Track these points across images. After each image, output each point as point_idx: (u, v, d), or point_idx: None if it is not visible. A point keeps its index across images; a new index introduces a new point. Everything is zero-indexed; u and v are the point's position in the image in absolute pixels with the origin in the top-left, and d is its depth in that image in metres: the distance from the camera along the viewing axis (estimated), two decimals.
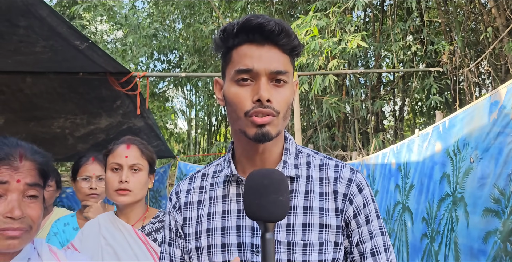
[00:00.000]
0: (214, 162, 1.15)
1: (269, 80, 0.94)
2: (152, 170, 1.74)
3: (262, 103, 0.92)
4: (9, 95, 3.36)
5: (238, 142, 1.04)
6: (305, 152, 1.09)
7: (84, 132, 4.26)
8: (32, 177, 1.09)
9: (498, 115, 1.93)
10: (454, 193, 2.33)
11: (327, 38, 5.53)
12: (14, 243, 1.04)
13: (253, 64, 0.93)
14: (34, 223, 1.08)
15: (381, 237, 1.01)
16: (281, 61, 0.95)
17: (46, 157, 1.15)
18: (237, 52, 0.96)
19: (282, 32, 0.93)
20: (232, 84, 0.96)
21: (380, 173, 3.60)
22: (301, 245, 0.96)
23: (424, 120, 9.30)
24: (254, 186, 0.86)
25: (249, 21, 0.93)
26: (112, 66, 3.02)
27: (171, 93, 12.44)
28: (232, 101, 0.96)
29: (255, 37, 0.94)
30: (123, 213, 1.68)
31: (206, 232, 1.03)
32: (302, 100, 7.04)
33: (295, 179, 1.02)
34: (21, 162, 1.08)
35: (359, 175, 1.04)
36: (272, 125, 0.94)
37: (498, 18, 5.55)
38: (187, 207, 1.08)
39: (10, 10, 2.08)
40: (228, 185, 1.05)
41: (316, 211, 0.99)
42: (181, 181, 1.15)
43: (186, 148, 12.02)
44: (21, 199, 1.07)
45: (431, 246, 2.60)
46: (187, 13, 9.46)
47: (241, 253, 0.99)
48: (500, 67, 6.02)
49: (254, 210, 0.85)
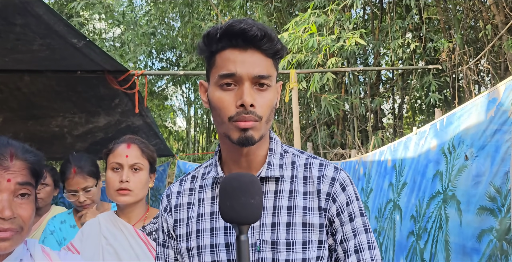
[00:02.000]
0: (203, 164, 1.17)
1: (252, 85, 0.96)
2: (153, 169, 1.74)
3: (246, 108, 0.93)
4: (7, 93, 3.36)
5: (224, 145, 1.06)
6: (291, 151, 1.10)
7: (82, 130, 4.25)
8: (23, 176, 1.07)
9: (496, 113, 1.93)
10: (445, 191, 2.33)
11: (325, 36, 5.52)
12: (4, 245, 1.02)
13: (236, 69, 0.94)
14: (25, 223, 1.06)
15: (364, 235, 1.02)
16: (264, 65, 0.97)
17: (37, 156, 1.13)
18: (220, 56, 0.97)
19: (264, 37, 0.95)
20: (216, 88, 0.98)
21: (376, 171, 3.59)
22: (284, 244, 0.98)
23: (423, 118, 9.31)
24: (226, 189, 0.88)
25: (232, 26, 0.94)
26: (110, 64, 3.01)
27: (170, 92, 12.44)
28: (216, 105, 0.97)
29: (238, 42, 0.95)
30: (124, 213, 1.68)
31: (195, 233, 1.05)
32: (300, 98, 7.04)
33: (279, 179, 1.04)
34: (11, 162, 1.06)
35: (342, 173, 1.05)
36: (255, 130, 0.95)
37: (497, 16, 5.54)
38: (177, 209, 1.11)
39: (6, 8, 2.07)
40: (216, 187, 1.07)
41: (299, 211, 1.00)
42: (172, 184, 1.17)
43: (185, 147, 12.03)
44: (12, 199, 1.05)
45: (417, 244, 2.60)
46: (185, 12, 9.44)
47: (229, 252, 1.01)
48: (499, 65, 6.02)
49: (226, 213, 0.86)
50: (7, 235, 1.02)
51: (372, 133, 7.01)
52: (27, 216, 1.07)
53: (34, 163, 1.11)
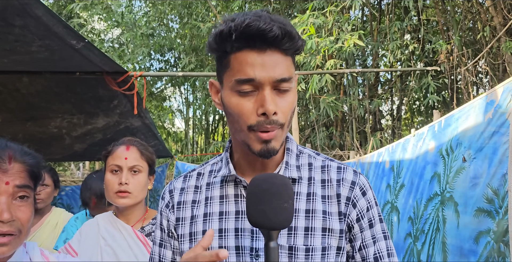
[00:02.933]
0: (210, 161, 1.11)
1: (272, 88, 0.87)
2: (152, 171, 1.74)
3: (268, 117, 0.86)
4: (6, 94, 3.36)
5: (237, 147, 0.99)
6: (306, 152, 1.05)
7: (81, 132, 4.25)
8: (22, 179, 1.06)
9: (494, 115, 1.93)
10: (443, 193, 2.33)
11: (324, 37, 5.53)
12: (2, 250, 1.02)
13: (255, 74, 0.85)
14: (24, 226, 1.05)
15: (384, 242, 0.98)
16: (285, 66, 0.88)
17: (36, 159, 1.12)
18: (235, 58, 0.88)
19: (285, 36, 0.85)
20: (232, 93, 0.89)
21: (374, 173, 3.60)
22: (303, 250, 0.92)
23: (421, 119, 9.32)
24: (256, 192, 0.82)
25: (249, 26, 0.84)
26: (109, 66, 3.01)
27: (169, 93, 12.43)
28: (234, 112, 0.89)
29: (256, 44, 0.85)
30: (123, 214, 1.68)
31: (201, 234, 0.98)
32: (299, 99, 7.04)
33: (297, 180, 0.98)
34: (10, 164, 1.05)
35: (362, 177, 1.00)
36: (277, 140, 0.89)
37: (495, 17, 5.56)
38: (180, 207, 1.03)
39: (5, 9, 2.07)
40: (226, 186, 1.00)
41: (319, 215, 0.95)
42: (175, 179, 1.10)
43: (184, 148, 12.02)
44: (11, 202, 1.04)
45: (414, 246, 2.60)
46: (184, 13, 9.45)
47: (239, 256, 0.95)
48: (497, 66, 6.03)
49: (256, 217, 0.81)
50: (5, 240, 1.01)
51: (371, 135, 7.01)
52: (26, 219, 1.06)
53: (32, 166, 1.10)
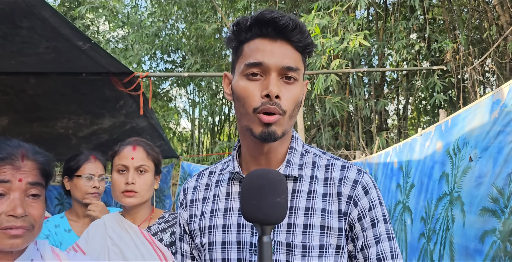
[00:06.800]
0: (223, 160, 1.15)
1: (279, 76, 0.92)
2: (158, 171, 1.75)
3: (271, 99, 0.90)
4: (13, 96, 3.39)
5: (244, 140, 1.02)
6: (312, 151, 1.06)
7: (87, 132, 4.28)
8: (34, 176, 1.11)
9: (499, 114, 1.92)
10: (451, 192, 2.32)
11: (329, 38, 5.52)
12: (17, 242, 1.05)
13: (263, 58, 0.91)
14: (36, 222, 1.09)
15: (388, 243, 0.97)
16: (293, 57, 0.93)
17: (47, 157, 1.17)
18: (248, 46, 0.94)
19: (296, 28, 0.92)
20: (241, 78, 0.94)
21: (382, 173, 3.59)
22: (300, 247, 0.94)
23: (428, 119, 9.27)
24: (250, 186, 0.83)
25: (263, 15, 0.91)
26: (115, 67, 3.04)
27: (174, 93, 12.46)
28: (240, 95, 0.93)
29: (268, 32, 0.92)
30: (129, 214, 1.69)
31: (207, 229, 1.03)
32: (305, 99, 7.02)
33: (298, 178, 1.00)
34: (23, 162, 1.10)
35: (366, 176, 1.00)
36: (278, 125, 0.92)
37: (502, 16, 5.52)
38: (192, 204, 1.10)
39: (13, 11, 2.10)
40: (232, 183, 1.04)
41: (317, 213, 0.96)
42: (190, 179, 1.16)
43: (190, 148, 12.05)
44: (23, 198, 1.08)
45: (427, 246, 2.59)
46: (189, 12, 9.47)
47: (240, 251, 0.97)
48: (504, 65, 5.98)
49: (250, 212, 0.82)
50: (20, 232, 1.05)
51: (377, 134, 6.99)
52: (38, 215, 1.10)
53: (44, 164, 1.14)
